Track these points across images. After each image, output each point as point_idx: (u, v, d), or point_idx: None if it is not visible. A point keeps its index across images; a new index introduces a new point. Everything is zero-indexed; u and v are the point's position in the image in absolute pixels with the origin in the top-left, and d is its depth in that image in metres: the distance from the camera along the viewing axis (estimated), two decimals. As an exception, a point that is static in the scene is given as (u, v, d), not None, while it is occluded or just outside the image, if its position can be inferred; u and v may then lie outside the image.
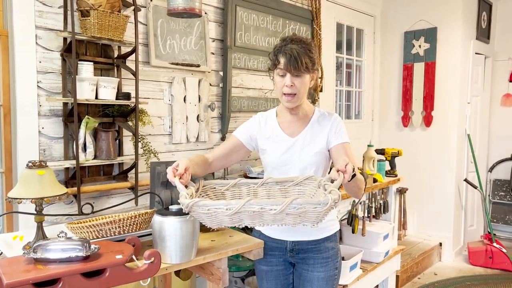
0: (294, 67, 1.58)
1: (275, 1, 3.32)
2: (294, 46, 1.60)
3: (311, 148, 1.71)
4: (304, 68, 1.59)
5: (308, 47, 1.62)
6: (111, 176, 2.37)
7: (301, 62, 1.57)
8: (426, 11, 4.42)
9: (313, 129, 1.74)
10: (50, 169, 1.56)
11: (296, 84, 1.62)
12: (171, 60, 2.63)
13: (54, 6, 2.13)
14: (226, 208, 1.27)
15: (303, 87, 1.64)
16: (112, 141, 2.26)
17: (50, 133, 2.14)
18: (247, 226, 1.35)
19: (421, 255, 4.03)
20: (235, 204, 1.26)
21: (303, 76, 1.62)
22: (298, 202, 1.25)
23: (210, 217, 1.30)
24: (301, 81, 1.62)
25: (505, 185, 4.96)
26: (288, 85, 1.62)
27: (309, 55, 1.61)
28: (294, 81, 1.61)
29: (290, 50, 1.59)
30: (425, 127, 4.49)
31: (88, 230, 1.50)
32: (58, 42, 2.14)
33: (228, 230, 1.93)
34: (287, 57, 1.59)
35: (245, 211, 1.27)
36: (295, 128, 1.75)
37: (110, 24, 2.15)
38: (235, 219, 1.30)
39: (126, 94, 2.29)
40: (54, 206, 2.13)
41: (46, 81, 2.12)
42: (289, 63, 1.58)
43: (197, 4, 2.15)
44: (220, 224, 1.33)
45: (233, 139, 1.81)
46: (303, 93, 1.66)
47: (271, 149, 1.75)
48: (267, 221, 1.32)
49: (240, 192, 1.61)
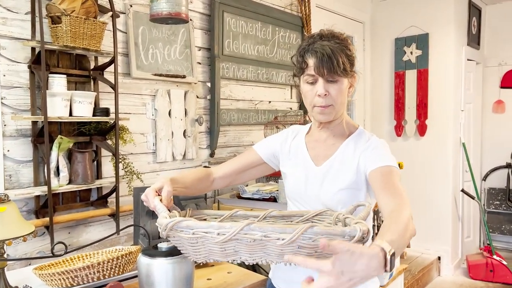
0: (328, 69, 1.20)
1: (264, 7, 3.12)
2: (326, 42, 1.23)
3: (335, 183, 1.28)
4: (341, 70, 1.21)
5: (344, 43, 1.25)
6: (89, 202, 2.11)
7: (337, 63, 1.20)
8: (417, 17, 4.29)
9: (344, 155, 1.30)
10: (13, 204, 1.30)
11: (332, 93, 1.23)
12: (154, 71, 2.39)
13: (20, 12, 1.88)
14: (217, 233, 0.96)
15: (341, 95, 1.25)
16: (89, 163, 2.00)
17: (17, 156, 1.88)
18: (244, 262, 1.05)
19: (420, 271, 3.85)
20: (230, 228, 0.95)
21: (340, 81, 1.24)
22: (315, 231, 0.94)
23: (195, 245, 1.00)
24: (337, 88, 1.24)
25: (500, 194, 4.84)
26: (321, 94, 1.23)
27: (347, 53, 1.24)
28: (328, 88, 1.23)
29: (321, 47, 1.22)
30: (419, 136, 4.34)
31: (61, 277, 1.24)
32: (25, 53, 1.88)
33: (225, 264, 1.69)
34: (318, 56, 1.21)
35: (242, 239, 0.97)
36: (321, 151, 1.34)
37: (85, 31, 1.91)
38: (228, 249, 0.99)
39: (105, 110, 2.05)
40: (21, 242, 1.85)
41: (12, 97, 1.85)
42: (321, 65, 1.21)
43: (183, 9, 1.93)
44: (208, 257, 1.01)
45: (250, 153, 1.46)
46: (341, 103, 1.27)
47: (290, 174, 1.38)
48: (271, 257, 1.00)
49: None
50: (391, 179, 1.17)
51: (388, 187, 1.15)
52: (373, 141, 1.29)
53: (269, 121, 3.06)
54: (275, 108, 3.28)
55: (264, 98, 3.19)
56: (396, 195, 1.11)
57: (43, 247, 1.93)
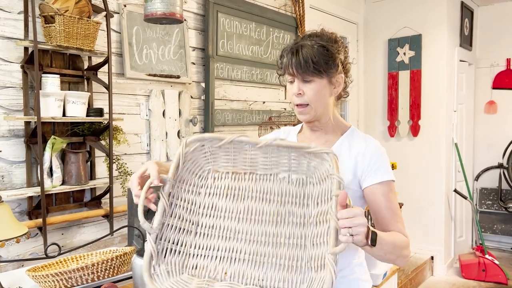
0: (298, 69, 1.21)
1: (259, 8, 3.12)
2: (306, 42, 1.23)
3: None
4: (312, 70, 1.20)
5: (323, 43, 1.22)
6: (82, 203, 2.09)
7: (306, 62, 1.19)
8: (410, 18, 4.31)
9: (339, 154, 1.27)
10: (6, 205, 1.29)
11: (306, 92, 1.23)
12: (148, 71, 2.38)
13: (13, 12, 1.86)
14: None
15: (317, 95, 1.24)
16: (82, 163, 1.99)
17: (9, 157, 1.86)
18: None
19: (414, 271, 3.86)
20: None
21: (314, 81, 1.23)
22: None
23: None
24: (312, 87, 1.23)
25: (492, 194, 4.88)
26: (294, 93, 1.25)
27: (324, 53, 1.21)
28: (303, 87, 1.23)
29: (296, 47, 1.23)
30: (412, 137, 4.36)
31: (54, 279, 1.23)
32: (18, 53, 1.87)
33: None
34: (289, 56, 1.23)
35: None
36: None
37: (79, 31, 1.90)
38: None
39: (98, 110, 2.04)
40: (14, 244, 1.83)
41: (4, 97, 1.84)
42: (291, 64, 1.22)
43: (178, 9, 1.92)
44: None
45: None
46: (317, 103, 1.25)
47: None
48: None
49: (236, 195, 1.16)
50: (390, 204, 1.23)
51: (390, 215, 1.23)
52: (370, 145, 1.27)
53: (263, 122, 3.06)
54: (269, 108, 3.28)
55: (258, 99, 3.19)
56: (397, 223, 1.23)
57: (35, 249, 1.92)
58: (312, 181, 1.13)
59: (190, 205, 1.09)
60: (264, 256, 1.06)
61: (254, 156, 1.12)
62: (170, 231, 1.04)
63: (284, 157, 1.12)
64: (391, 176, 1.25)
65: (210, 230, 1.08)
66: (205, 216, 1.10)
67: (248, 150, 1.11)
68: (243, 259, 1.06)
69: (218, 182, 1.14)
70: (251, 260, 1.06)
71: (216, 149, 1.12)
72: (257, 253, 1.06)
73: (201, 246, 1.07)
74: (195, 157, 1.11)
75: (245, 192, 1.13)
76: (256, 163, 1.13)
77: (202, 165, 1.14)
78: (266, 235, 1.08)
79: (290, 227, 1.09)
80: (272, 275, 1.04)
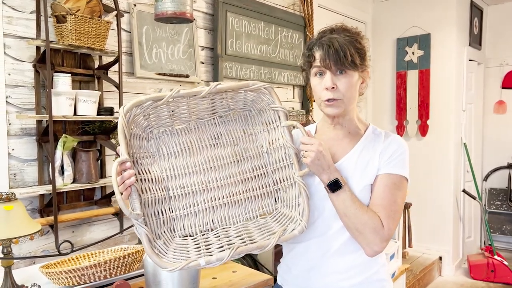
0: (334, 62, 1.16)
1: (267, 7, 3.13)
2: (335, 36, 1.19)
3: (358, 180, 1.20)
4: (349, 63, 1.16)
5: (354, 37, 1.20)
6: (93, 201, 2.11)
7: (345, 55, 1.15)
8: (419, 17, 4.29)
9: (363, 152, 1.24)
10: (20, 203, 1.30)
11: (340, 86, 1.18)
12: (158, 71, 2.39)
13: (25, 11, 1.88)
14: None
15: (350, 89, 1.19)
16: (93, 162, 2.00)
17: (21, 155, 1.88)
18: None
19: (422, 271, 3.85)
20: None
21: (349, 74, 1.18)
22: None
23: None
24: (346, 81, 1.18)
25: (501, 194, 4.84)
26: (328, 87, 1.18)
27: (356, 46, 1.18)
28: (336, 81, 1.18)
29: (328, 40, 1.18)
30: (421, 137, 4.34)
31: (67, 276, 1.25)
32: (30, 52, 1.89)
33: (231, 264, 1.69)
34: (325, 49, 1.17)
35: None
36: (338, 149, 1.25)
37: (90, 31, 1.91)
38: None
39: (109, 109, 2.05)
40: (27, 241, 1.85)
41: (17, 96, 1.85)
42: (327, 57, 1.16)
43: (188, 8, 1.93)
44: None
45: None
46: (350, 98, 1.20)
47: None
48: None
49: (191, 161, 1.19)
50: (388, 195, 1.18)
51: (381, 205, 1.18)
52: (393, 142, 1.24)
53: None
54: (278, 107, 3.28)
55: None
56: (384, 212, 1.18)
57: (47, 246, 1.93)
58: (252, 114, 1.23)
59: (153, 174, 1.13)
60: (239, 194, 1.19)
61: (194, 105, 1.17)
62: (148, 207, 1.08)
63: (221, 100, 1.19)
64: (403, 172, 1.20)
65: (181, 190, 1.16)
66: (171, 179, 1.16)
67: (187, 101, 1.15)
68: (222, 204, 1.17)
69: (167, 141, 1.19)
70: (229, 202, 1.18)
71: (154, 109, 1.13)
72: (231, 194, 1.18)
73: (179, 207, 1.14)
74: (137, 123, 1.12)
75: (197, 143, 1.20)
76: (198, 111, 1.19)
77: (145, 128, 1.16)
78: (232, 176, 1.19)
79: (250, 162, 1.22)
80: (252, 207, 1.19)
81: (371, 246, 1.15)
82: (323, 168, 1.14)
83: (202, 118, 1.21)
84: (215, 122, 1.23)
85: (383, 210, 1.17)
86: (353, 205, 1.14)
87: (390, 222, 1.16)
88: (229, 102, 1.20)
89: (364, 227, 1.14)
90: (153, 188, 1.10)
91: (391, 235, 1.17)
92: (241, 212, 1.18)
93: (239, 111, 1.24)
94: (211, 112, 1.21)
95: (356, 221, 1.14)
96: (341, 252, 1.20)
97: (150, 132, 1.17)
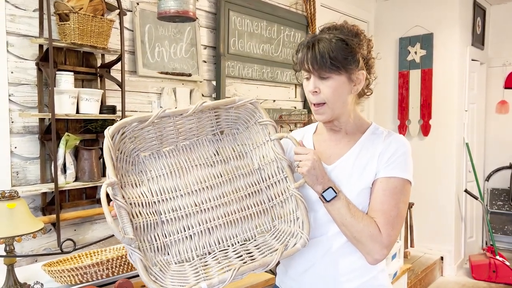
0: (314, 65, 1.10)
1: (270, 6, 3.12)
2: (324, 36, 1.12)
3: (355, 182, 1.15)
4: (329, 66, 1.09)
5: (343, 37, 1.12)
6: (95, 200, 2.11)
7: (325, 58, 1.08)
8: (421, 17, 4.28)
9: (361, 154, 1.18)
10: (22, 200, 1.30)
11: (323, 90, 1.12)
12: (160, 69, 2.39)
13: (28, 10, 1.88)
14: None
15: (334, 93, 1.12)
16: (95, 160, 2.01)
17: (24, 153, 1.88)
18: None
19: (423, 271, 3.84)
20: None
21: (332, 78, 1.11)
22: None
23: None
24: (329, 85, 1.12)
25: (503, 194, 4.83)
26: (310, 91, 1.14)
27: (342, 47, 1.10)
28: (319, 85, 1.12)
29: (312, 40, 1.12)
30: (423, 136, 4.33)
31: (70, 274, 1.25)
32: (33, 50, 1.89)
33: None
34: (306, 51, 1.12)
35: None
36: (335, 151, 1.21)
37: (93, 29, 1.91)
38: None
39: (111, 107, 2.05)
40: (29, 239, 1.85)
41: (19, 94, 1.86)
42: (307, 60, 1.11)
43: (191, 7, 1.93)
44: None
45: None
46: (335, 101, 1.14)
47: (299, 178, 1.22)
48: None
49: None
50: (389, 199, 1.12)
51: (380, 210, 1.12)
52: (393, 142, 1.17)
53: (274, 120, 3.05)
54: (280, 107, 3.28)
55: (268, 97, 3.19)
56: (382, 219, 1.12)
57: (49, 244, 1.94)
58: (240, 131, 1.20)
59: (143, 198, 1.08)
60: (234, 213, 1.14)
61: (181, 125, 1.14)
62: (140, 233, 1.02)
63: (207, 118, 1.16)
64: (404, 174, 1.14)
65: (173, 213, 1.10)
66: (161, 203, 1.11)
67: (173, 121, 1.12)
68: (217, 225, 1.12)
69: (155, 164, 1.14)
70: (225, 222, 1.13)
71: (140, 130, 1.09)
72: (227, 214, 1.13)
73: (173, 231, 1.08)
74: (123, 147, 1.08)
75: (186, 164, 1.16)
76: (185, 131, 1.16)
77: (131, 152, 1.11)
78: (226, 195, 1.14)
79: (242, 180, 1.17)
80: (249, 226, 1.14)
81: (371, 254, 1.11)
82: (317, 178, 1.10)
83: (190, 138, 1.18)
84: (203, 141, 1.19)
85: (382, 215, 1.11)
86: (348, 213, 1.10)
87: (389, 229, 1.10)
88: (216, 120, 1.18)
89: (360, 235, 1.09)
90: (144, 213, 1.05)
91: (392, 241, 1.11)
92: (238, 232, 1.13)
93: (227, 128, 1.21)
94: (199, 131, 1.18)
95: (353, 230, 1.10)
96: (337, 256, 1.16)
97: (137, 155, 1.13)
